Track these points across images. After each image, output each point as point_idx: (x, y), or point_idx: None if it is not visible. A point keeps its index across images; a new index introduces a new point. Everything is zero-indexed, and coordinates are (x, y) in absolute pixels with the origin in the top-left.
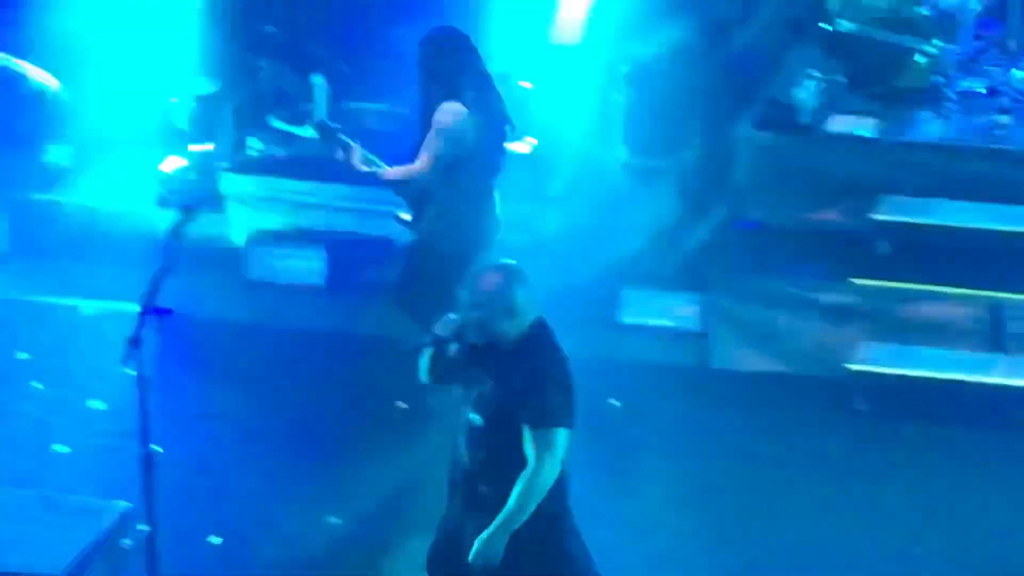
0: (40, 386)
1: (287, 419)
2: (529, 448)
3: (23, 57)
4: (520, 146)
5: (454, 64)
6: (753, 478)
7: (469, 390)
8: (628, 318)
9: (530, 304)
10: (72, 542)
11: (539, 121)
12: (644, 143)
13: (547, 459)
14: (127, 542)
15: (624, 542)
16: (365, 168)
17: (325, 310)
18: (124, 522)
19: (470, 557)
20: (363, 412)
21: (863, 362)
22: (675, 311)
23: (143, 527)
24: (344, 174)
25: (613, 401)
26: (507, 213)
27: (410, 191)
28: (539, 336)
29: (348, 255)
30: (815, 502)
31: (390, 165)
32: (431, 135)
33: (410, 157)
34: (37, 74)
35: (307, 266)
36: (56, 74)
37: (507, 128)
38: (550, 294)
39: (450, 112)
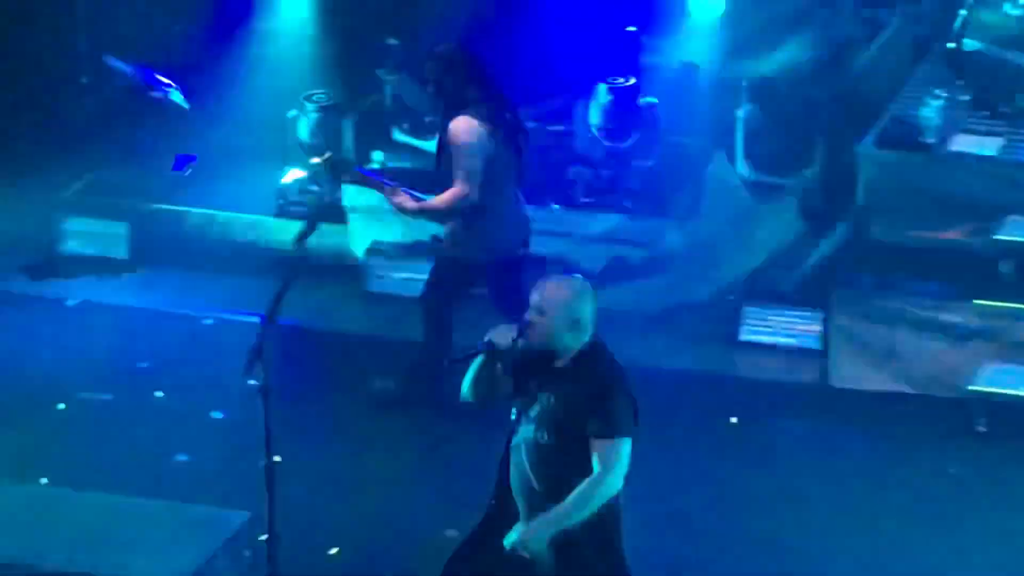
0: (161, 395)
1: (405, 431)
2: (594, 459)
3: (147, 66)
4: (640, 162)
5: (460, 77)
6: (872, 497)
7: (527, 408)
8: (748, 335)
9: (592, 321)
10: (193, 551)
11: (662, 136)
12: (766, 160)
13: (612, 469)
14: (247, 552)
15: (742, 559)
16: (412, 205)
17: None
18: (245, 532)
19: (506, 540)
20: (481, 424)
21: (984, 383)
22: (795, 329)
23: (263, 537)
24: None
25: (732, 419)
26: (629, 230)
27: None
28: (598, 351)
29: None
30: (935, 522)
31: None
32: (458, 158)
33: (529, 170)
34: (161, 83)
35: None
36: (180, 84)
37: (520, 136)
38: (670, 310)
39: (465, 128)
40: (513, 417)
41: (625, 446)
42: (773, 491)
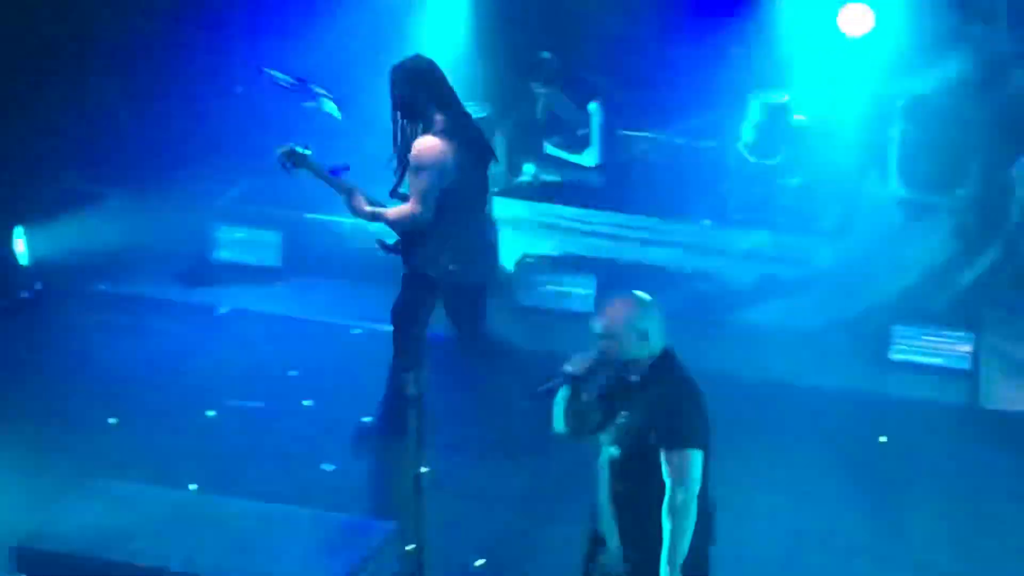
0: (310, 403)
1: (555, 444)
2: (664, 472)
3: (302, 77)
4: (791, 179)
5: (424, 93)
6: (1021, 520)
7: (606, 425)
8: (898, 354)
9: (660, 332)
10: (340, 561)
11: (814, 154)
12: (919, 178)
13: (682, 482)
14: (393, 562)
15: None
16: (368, 209)
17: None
18: (391, 542)
19: None
20: None
21: None
22: (945, 348)
23: (410, 547)
24: (617, 202)
25: (881, 437)
26: (780, 246)
27: (408, 229)
28: (669, 363)
29: (619, 283)
30: None
31: (663, 197)
32: (414, 175)
33: (681, 186)
34: (316, 93)
35: (578, 293)
36: (333, 94)
37: (486, 154)
38: (820, 327)
39: (427, 147)
40: (600, 440)
41: (695, 458)
42: (921, 511)
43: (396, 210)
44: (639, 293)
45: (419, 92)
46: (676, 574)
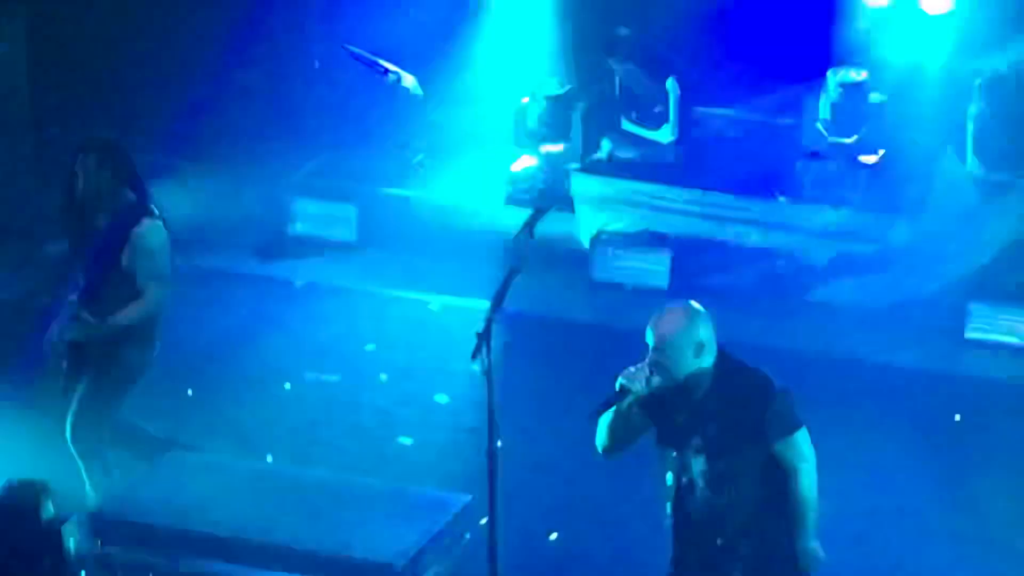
0: (386, 378)
1: None
2: (787, 460)
3: (380, 54)
4: (868, 157)
5: (121, 173)
6: None
7: (684, 444)
8: (973, 333)
9: (711, 341)
10: (416, 532)
11: (891, 132)
12: (996, 156)
13: (807, 460)
14: (468, 535)
15: (963, 558)
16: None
17: None
18: (465, 515)
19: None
20: None
21: None
22: (1022, 328)
23: (484, 520)
24: (693, 178)
25: (955, 416)
26: (856, 224)
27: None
28: (731, 364)
29: (694, 259)
30: None
31: (738, 173)
32: (147, 262)
33: (757, 163)
34: (394, 71)
35: (653, 269)
36: (413, 70)
37: None
38: (895, 305)
39: (152, 230)
40: (675, 455)
41: (803, 435)
42: (996, 490)
43: (127, 312)
44: (692, 304)
45: (114, 170)
46: (815, 543)
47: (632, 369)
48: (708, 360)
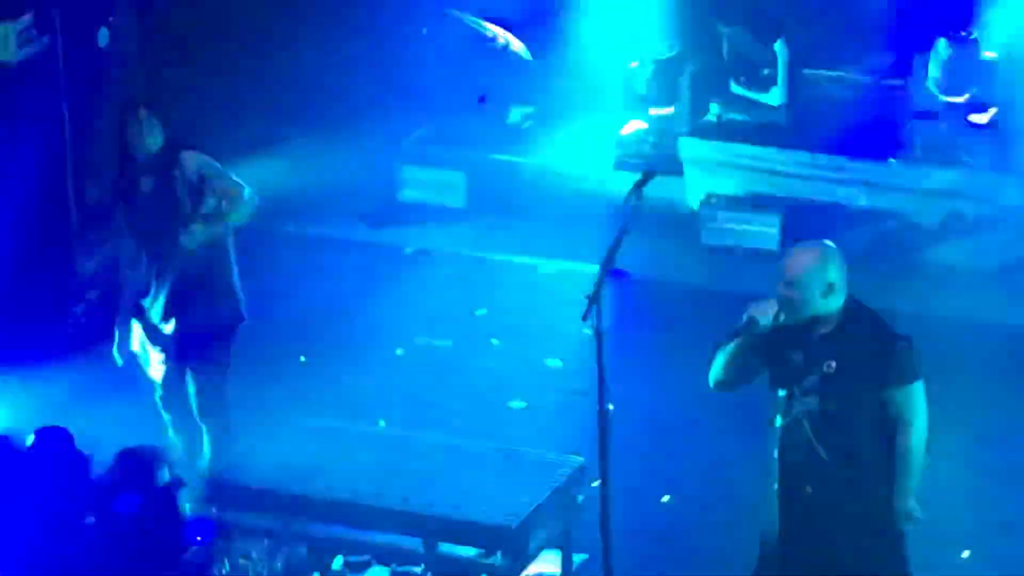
0: (497, 342)
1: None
2: (898, 411)
3: (488, 19)
4: (979, 117)
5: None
6: None
7: (798, 382)
8: None
9: (842, 282)
10: (528, 494)
11: (1003, 91)
12: None
13: (919, 414)
14: (580, 497)
15: None
16: None
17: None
18: (578, 477)
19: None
20: None
21: None
22: None
23: (596, 483)
24: (802, 141)
25: None
26: (968, 184)
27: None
28: (860, 309)
29: (804, 222)
30: None
31: (848, 135)
32: (210, 177)
33: (867, 124)
34: (503, 35)
35: (763, 232)
36: (521, 36)
37: None
38: (1008, 266)
39: (191, 157)
40: (783, 394)
41: (921, 388)
42: None
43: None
44: (826, 243)
45: None
46: (913, 503)
47: (760, 303)
48: (836, 302)
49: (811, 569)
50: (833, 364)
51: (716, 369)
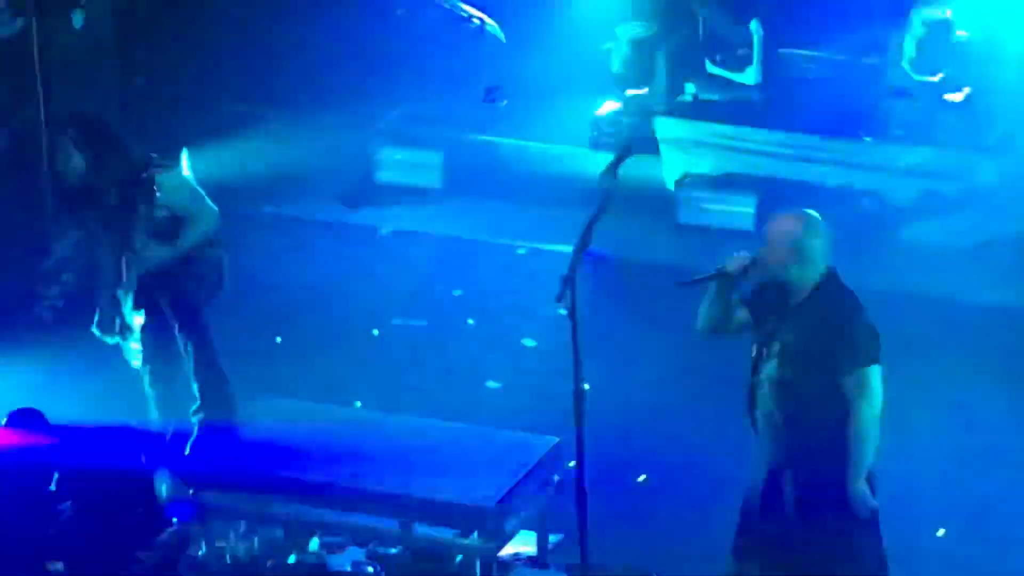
0: (473, 322)
1: (711, 362)
2: (848, 392)
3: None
4: (954, 96)
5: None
6: None
7: (767, 345)
8: None
9: (822, 254)
10: (504, 475)
11: (977, 70)
12: None
13: (866, 398)
14: (556, 476)
15: None
16: None
17: None
18: (554, 457)
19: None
20: None
21: None
22: None
23: (572, 463)
24: (778, 120)
25: None
26: (943, 162)
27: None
28: (834, 285)
29: (780, 201)
30: None
31: (824, 114)
32: (176, 200)
33: (842, 103)
34: (477, 17)
35: (738, 212)
36: (495, 16)
37: None
38: (983, 244)
39: (163, 180)
40: (754, 355)
41: (874, 373)
42: None
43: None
44: (806, 213)
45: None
46: (863, 487)
47: (739, 254)
48: (812, 271)
49: (786, 538)
50: (792, 335)
51: (700, 317)
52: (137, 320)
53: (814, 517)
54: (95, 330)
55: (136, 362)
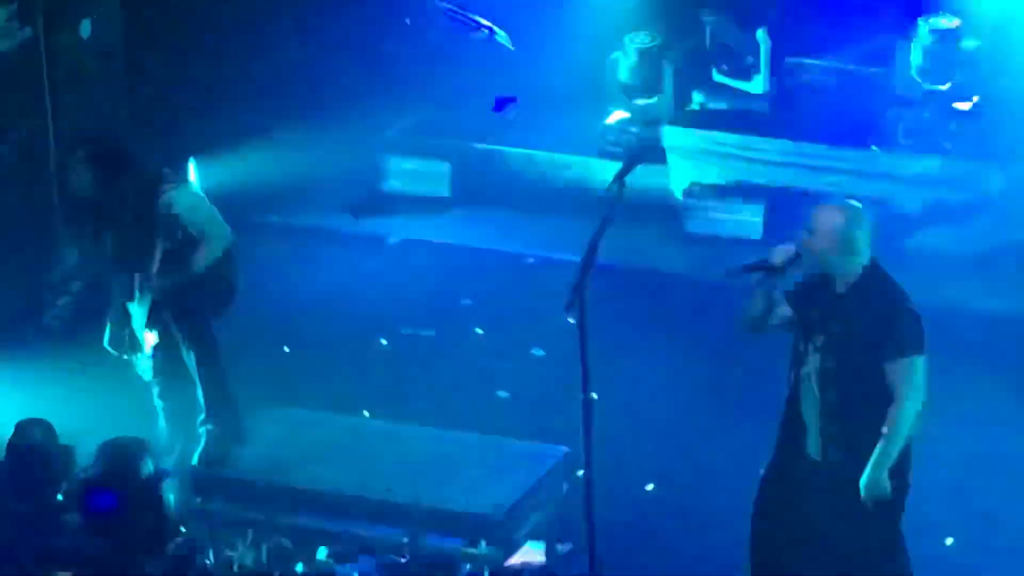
0: (482, 332)
1: (720, 371)
2: (892, 382)
3: (471, 9)
4: (962, 104)
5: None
6: None
7: (812, 338)
8: None
9: (865, 245)
10: (513, 484)
11: (985, 79)
12: None
13: (912, 388)
14: (565, 486)
15: None
16: None
17: None
18: (562, 467)
19: (863, 495)
20: None
21: None
22: None
23: (580, 472)
24: (785, 129)
25: None
26: (950, 171)
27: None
28: (878, 275)
29: (787, 210)
30: None
31: (831, 123)
32: (190, 219)
33: (849, 112)
34: (486, 25)
35: (746, 220)
36: (504, 25)
37: None
38: (990, 252)
39: (174, 198)
40: (801, 348)
41: (919, 363)
42: None
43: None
44: (852, 204)
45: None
46: (885, 477)
47: (782, 246)
48: (855, 262)
49: (805, 529)
50: (838, 327)
51: (744, 309)
52: (149, 337)
53: (840, 504)
54: (107, 346)
55: (146, 375)
